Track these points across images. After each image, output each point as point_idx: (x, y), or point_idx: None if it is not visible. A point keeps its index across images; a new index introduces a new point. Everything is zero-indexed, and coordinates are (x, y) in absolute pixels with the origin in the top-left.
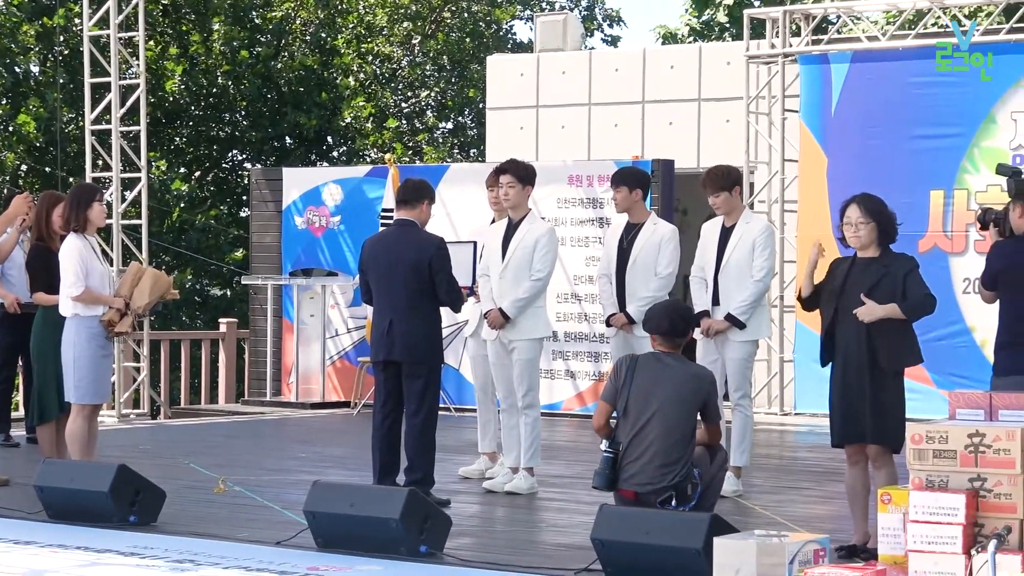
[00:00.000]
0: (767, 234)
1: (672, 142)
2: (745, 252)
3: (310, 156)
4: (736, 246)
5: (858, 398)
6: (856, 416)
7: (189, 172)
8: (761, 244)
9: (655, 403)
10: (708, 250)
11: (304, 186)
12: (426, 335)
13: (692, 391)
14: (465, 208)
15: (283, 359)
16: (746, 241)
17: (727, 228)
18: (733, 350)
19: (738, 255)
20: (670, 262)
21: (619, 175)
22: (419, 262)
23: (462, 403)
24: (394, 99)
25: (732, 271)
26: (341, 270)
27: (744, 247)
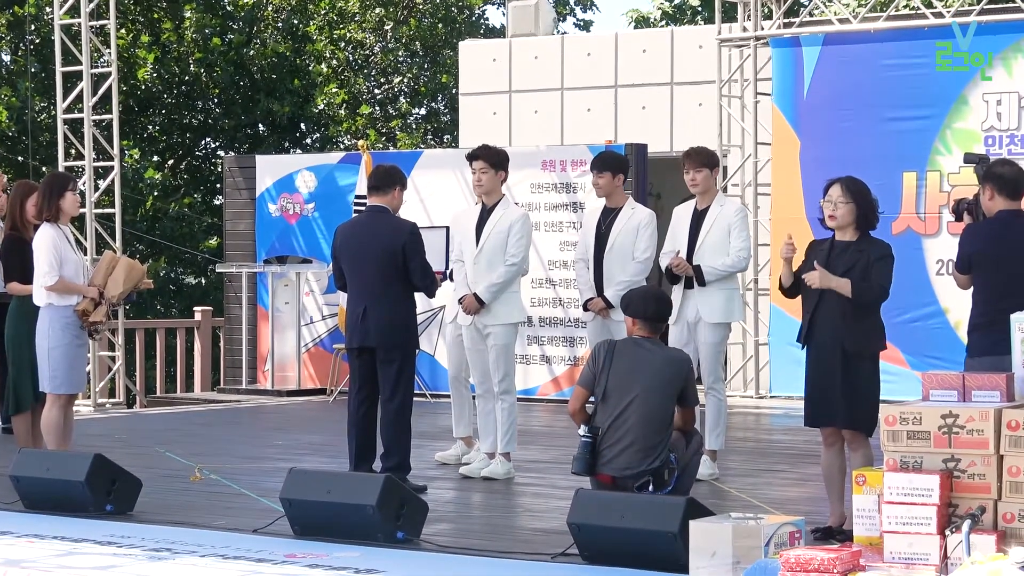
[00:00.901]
0: (742, 216)
1: (645, 126)
2: (720, 234)
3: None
4: (711, 228)
5: (830, 382)
6: (828, 400)
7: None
8: (737, 226)
9: (635, 388)
10: (681, 233)
11: (277, 173)
12: (400, 321)
13: (672, 375)
14: (439, 194)
15: (258, 347)
16: (721, 223)
17: (700, 211)
18: (706, 334)
19: (713, 237)
20: (648, 247)
21: (602, 160)
22: (392, 248)
23: (437, 389)
24: (367, 85)
25: (707, 254)
26: (315, 257)
27: (719, 229)
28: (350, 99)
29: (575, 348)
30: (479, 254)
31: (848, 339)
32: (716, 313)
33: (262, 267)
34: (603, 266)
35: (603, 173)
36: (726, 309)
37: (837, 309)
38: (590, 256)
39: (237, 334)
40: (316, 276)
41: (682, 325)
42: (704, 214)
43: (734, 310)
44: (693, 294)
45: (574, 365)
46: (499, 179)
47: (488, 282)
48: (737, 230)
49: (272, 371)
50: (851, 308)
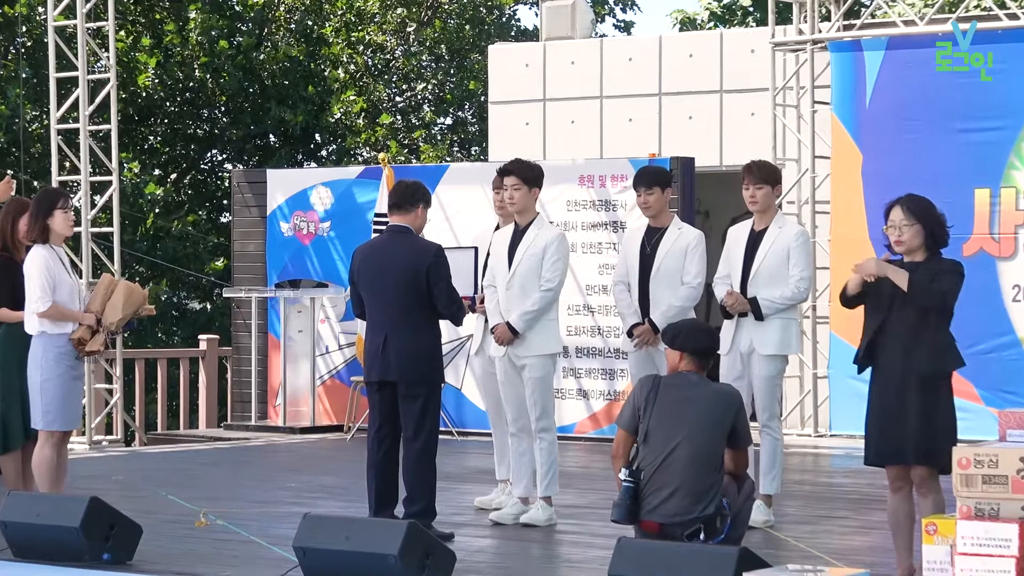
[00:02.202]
0: (803, 240)
1: (692, 138)
2: (778, 260)
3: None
4: (768, 252)
5: (898, 411)
6: (896, 432)
7: (164, 174)
8: (798, 251)
9: (682, 427)
10: (736, 256)
11: (290, 189)
12: (424, 352)
13: (721, 413)
14: (466, 211)
15: (269, 379)
16: (779, 247)
17: (757, 232)
18: (760, 366)
19: (770, 262)
20: (699, 271)
21: (649, 176)
22: (415, 271)
23: (464, 426)
24: (388, 93)
25: (763, 280)
26: (331, 281)
27: (777, 254)
28: (369, 108)
29: (615, 381)
30: (511, 279)
31: (919, 360)
32: (771, 344)
33: (273, 291)
34: (649, 290)
35: (652, 189)
36: (782, 340)
37: (905, 328)
38: (633, 280)
39: (246, 365)
40: (332, 302)
41: (734, 356)
42: (761, 236)
43: (791, 341)
44: (747, 323)
45: (614, 400)
46: (533, 196)
47: (522, 310)
48: (797, 256)
49: (284, 406)
50: (921, 326)
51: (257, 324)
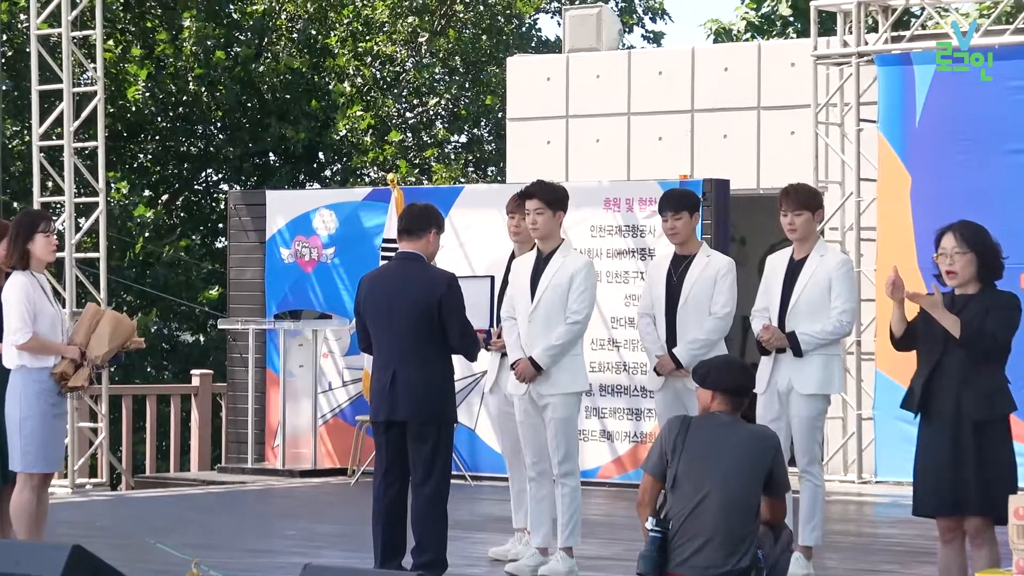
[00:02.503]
0: (846, 269)
1: (727, 159)
2: (819, 291)
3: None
4: (808, 283)
5: (952, 459)
6: (950, 481)
7: (155, 195)
8: (840, 282)
9: (714, 473)
10: (774, 288)
11: (291, 212)
12: (435, 390)
13: (757, 457)
14: (481, 237)
15: (267, 418)
16: (820, 278)
17: (796, 262)
18: (800, 407)
19: (810, 294)
20: (728, 300)
21: (676, 199)
22: (426, 302)
23: (478, 470)
24: (397, 108)
25: (802, 313)
26: (335, 312)
27: (818, 285)
28: (377, 124)
29: (641, 422)
30: (535, 310)
31: (969, 403)
32: (812, 382)
33: (272, 323)
34: (676, 323)
35: (679, 214)
36: (824, 378)
37: (957, 369)
38: (659, 311)
39: (242, 403)
40: (336, 334)
41: (772, 396)
42: (801, 266)
43: (833, 379)
44: (785, 360)
45: (640, 443)
46: (557, 221)
47: (546, 344)
48: (840, 287)
49: (283, 447)
50: (972, 367)
51: (254, 358)
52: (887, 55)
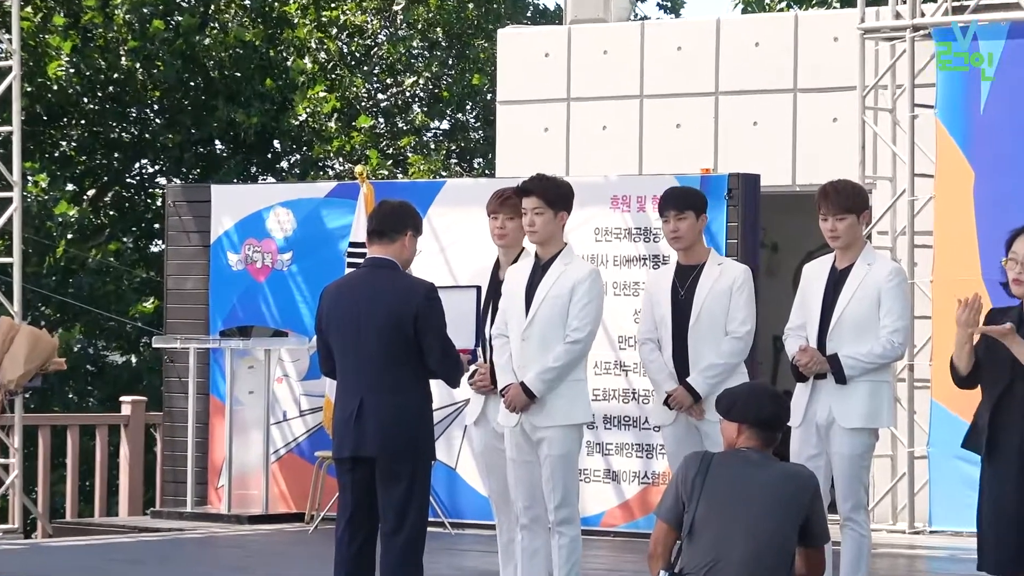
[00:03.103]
0: (898, 280)
1: (757, 150)
2: (866, 306)
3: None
4: (853, 297)
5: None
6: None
7: (80, 190)
8: (890, 295)
9: (739, 519)
10: (812, 302)
11: (241, 210)
12: (410, 421)
13: (790, 500)
14: (466, 241)
15: (210, 453)
16: (868, 291)
17: (840, 271)
18: (842, 443)
19: (856, 310)
20: (747, 316)
21: (679, 196)
22: (400, 317)
23: (460, 516)
24: (367, 88)
25: (846, 333)
26: (292, 328)
27: (865, 299)
28: (344, 107)
29: (652, 460)
30: (529, 327)
31: None
32: (857, 414)
33: (217, 341)
34: (687, 346)
35: (684, 213)
36: (871, 409)
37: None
38: (664, 334)
39: (181, 435)
40: (293, 355)
41: (809, 429)
42: (845, 276)
43: (881, 411)
44: (825, 387)
45: (651, 484)
46: (559, 223)
47: (542, 366)
48: (891, 301)
49: (229, 488)
50: None
51: (196, 383)
52: (947, 28)
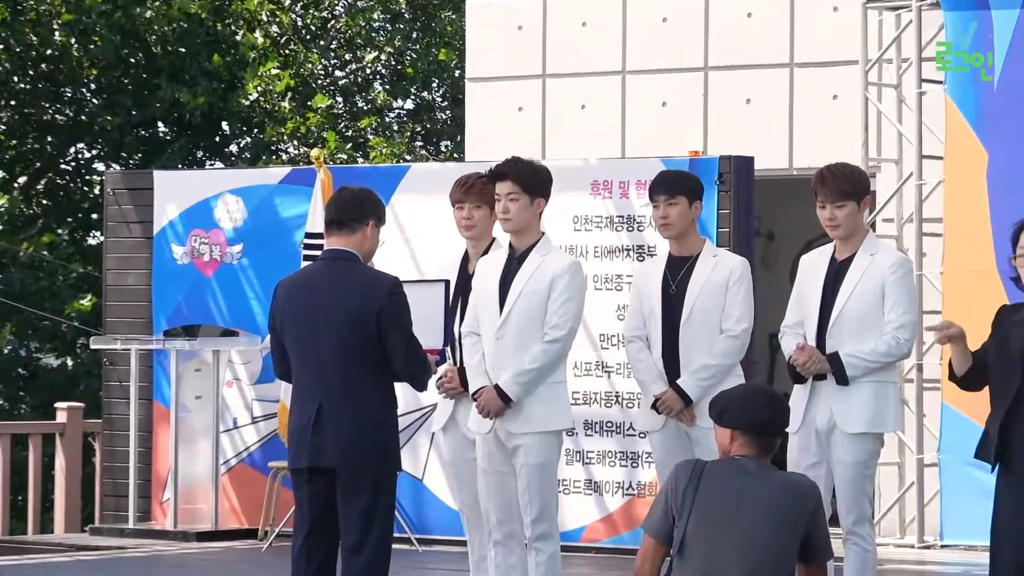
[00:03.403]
0: (903, 273)
1: (750, 130)
2: (869, 300)
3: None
4: (855, 290)
5: None
6: None
7: (10, 177)
8: (895, 288)
9: (735, 536)
10: (811, 297)
11: (187, 198)
12: (373, 428)
13: (789, 514)
14: (433, 231)
15: (154, 465)
16: (871, 283)
17: (840, 263)
18: (844, 450)
19: (858, 304)
20: (744, 312)
21: (671, 181)
22: (362, 315)
23: (427, 532)
24: (324, 65)
25: (848, 329)
26: (243, 327)
27: (867, 292)
28: (299, 85)
29: (638, 470)
30: (503, 324)
31: None
32: (860, 418)
33: (161, 342)
34: (678, 345)
35: (675, 199)
36: (875, 413)
37: None
38: (655, 331)
39: (122, 445)
40: (244, 357)
41: (808, 435)
42: (846, 268)
43: (887, 414)
44: (825, 389)
45: (636, 496)
46: (536, 211)
47: (517, 368)
48: (897, 294)
49: (175, 502)
50: None
51: (138, 388)
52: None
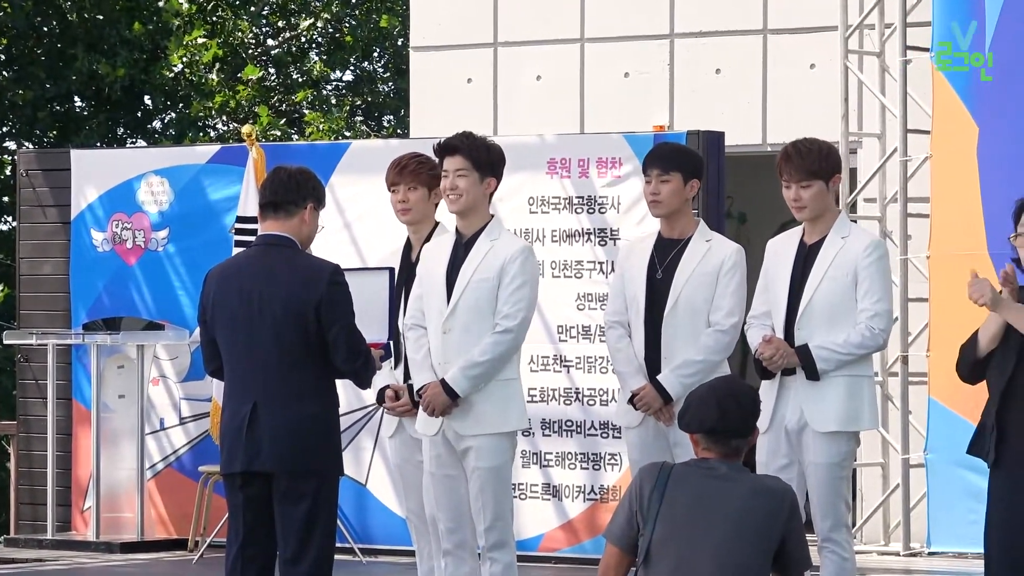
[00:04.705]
0: (877, 256)
1: (720, 102)
2: (841, 287)
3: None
4: (826, 276)
5: None
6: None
7: None
8: (869, 272)
9: (705, 545)
10: (778, 284)
11: (107, 180)
12: (312, 429)
13: (763, 521)
14: (376, 214)
15: (74, 470)
16: (842, 268)
17: (810, 247)
18: (817, 450)
19: (829, 291)
20: (736, 306)
21: (668, 154)
22: (300, 306)
23: (371, 541)
24: (255, 33)
25: (817, 319)
26: (170, 320)
27: (839, 279)
28: (227, 55)
29: (601, 473)
30: (450, 316)
31: None
32: (833, 416)
33: (80, 336)
34: (661, 336)
35: (669, 175)
36: (850, 409)
37: None
38: (637, 319)
39: (38, 448)
40: (171, 352)
41: (778, 435)
42: (815, 253)
43: (863, 410)
44: (795, 384)
45: (599, 502)
46: (485, 191)
47: (466, 361)
48: (871, 280)
49: (97, 510)
50: None
51: (56, 386)
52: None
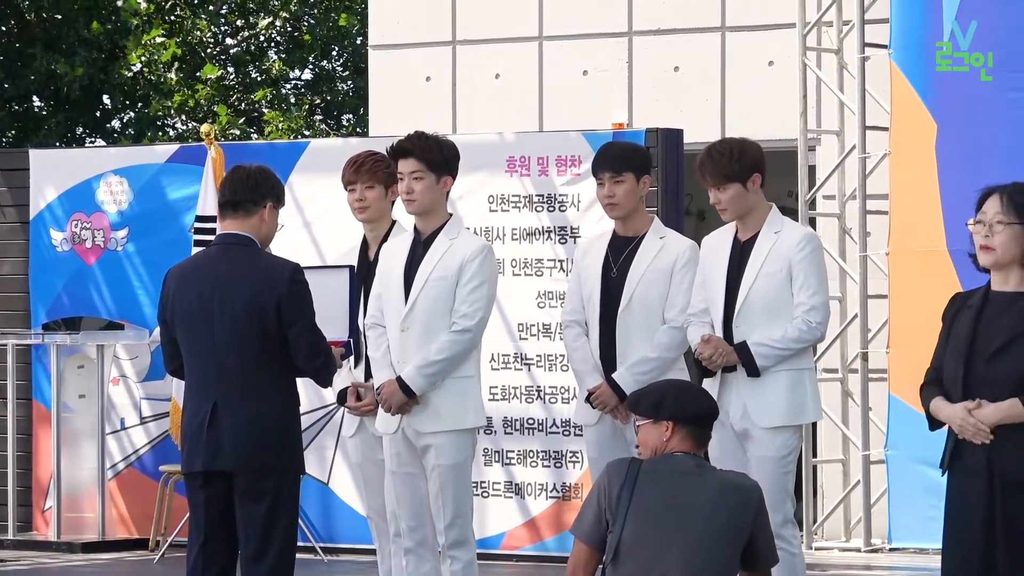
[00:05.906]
0: (810, 249)
1: (679, 100)
2: (776, 283)
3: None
4: (760, 272)
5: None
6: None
7: None
8: (803, 266)
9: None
10: (715, 282)
11: (66, 179)
12: (273, 428)
13: (732, 516)
14: (335, 213)
15: (34, 470)
16: (777, 263)
17: (744, 243)
18: (762, 445)
19: (764, 287)
20: (689, 302)
21: (618, 155)
22: (260, 305)
23: (334, 540)
24: (214, 32)
25: (755, 315)
26: (130, 320)
27: (774, 274)
28: (186, 54)
29: (564, 470)
30: (408, 315)
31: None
32: (776, 411)
33: (40, 336)
34: (615, 334)
35: (622, 175)
36: (792, 404)
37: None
38: (593, 317)
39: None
40: (131, 352)
41: (723, 433)
42: (749, 249)
43: (805, 404)
44: (736, 381)
45: (562, 499)
46: (442, 190)
47: (422, 359)
48: (805, 273)
49: (58, 510)
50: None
51: (15, 386)
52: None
